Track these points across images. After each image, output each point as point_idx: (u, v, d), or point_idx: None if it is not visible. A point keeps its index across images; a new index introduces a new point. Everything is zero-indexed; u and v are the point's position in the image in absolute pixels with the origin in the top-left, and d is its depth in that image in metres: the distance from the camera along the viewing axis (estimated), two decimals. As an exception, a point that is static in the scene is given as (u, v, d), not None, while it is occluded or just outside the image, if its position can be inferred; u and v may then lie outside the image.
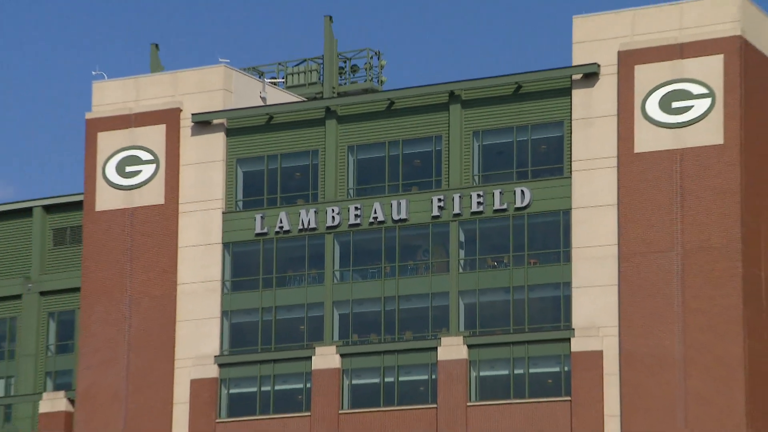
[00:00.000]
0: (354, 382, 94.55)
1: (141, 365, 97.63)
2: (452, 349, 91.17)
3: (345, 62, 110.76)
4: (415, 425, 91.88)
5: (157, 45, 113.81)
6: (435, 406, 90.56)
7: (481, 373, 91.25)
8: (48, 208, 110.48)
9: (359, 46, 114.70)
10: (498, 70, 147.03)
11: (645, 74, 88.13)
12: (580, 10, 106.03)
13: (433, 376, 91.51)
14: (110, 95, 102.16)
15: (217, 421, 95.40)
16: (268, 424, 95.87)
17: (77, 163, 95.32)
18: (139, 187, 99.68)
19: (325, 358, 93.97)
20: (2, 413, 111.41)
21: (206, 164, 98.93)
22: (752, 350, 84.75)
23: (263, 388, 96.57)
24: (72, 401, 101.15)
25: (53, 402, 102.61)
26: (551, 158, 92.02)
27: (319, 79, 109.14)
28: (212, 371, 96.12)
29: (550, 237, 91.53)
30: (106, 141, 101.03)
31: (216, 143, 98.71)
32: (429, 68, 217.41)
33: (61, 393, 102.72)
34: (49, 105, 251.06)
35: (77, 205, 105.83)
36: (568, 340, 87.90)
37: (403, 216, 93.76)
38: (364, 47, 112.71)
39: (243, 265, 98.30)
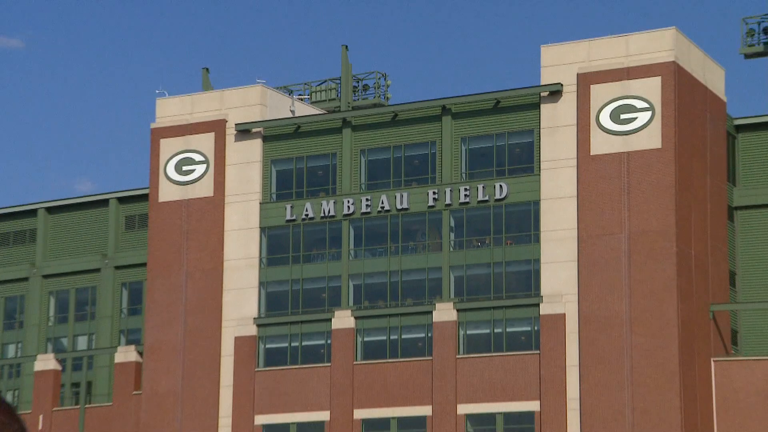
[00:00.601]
0: (365, 339, 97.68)
1: (195, 325, 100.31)
2: (444, 312, 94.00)
3: (358, 82, 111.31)
4: (415, 373, 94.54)
5: (207, 69, 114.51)
6: (430, 358, 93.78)
7: (468, 332, 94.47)
8: (121, 200, 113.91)
9: (369, 69, 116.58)
10: (481, 88, 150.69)
11: (599, 92, 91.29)
12: (547, 40, 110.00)
13: (429, 335, 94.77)
14: (170, 109, 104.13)
15: (256, 370, 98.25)
16: (296, 372, 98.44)
17: (144, 163, 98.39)
18: (193, 182, 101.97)
19: (342, 320, 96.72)
20: (86, 363, 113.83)
21: (246, 164, 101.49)
22: (683, 313, 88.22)
23: (293, 344, 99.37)
24: (140, 353, 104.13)
25: (126, 354, 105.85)
26: (524, 159, 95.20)
27: (337, 95, 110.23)
28: (252, 330, 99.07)
29: (523, 223, 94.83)
30: (167, 146, 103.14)
31: (254, 147, 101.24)
32: (425, 86, 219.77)
33: (132, 347, 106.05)
34: (121, 116, 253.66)
35: (144, 197, 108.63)
36: (537, 305, 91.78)
37: (404, 206, 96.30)
38: (373, 70, 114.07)
39: (276, 245, 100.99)
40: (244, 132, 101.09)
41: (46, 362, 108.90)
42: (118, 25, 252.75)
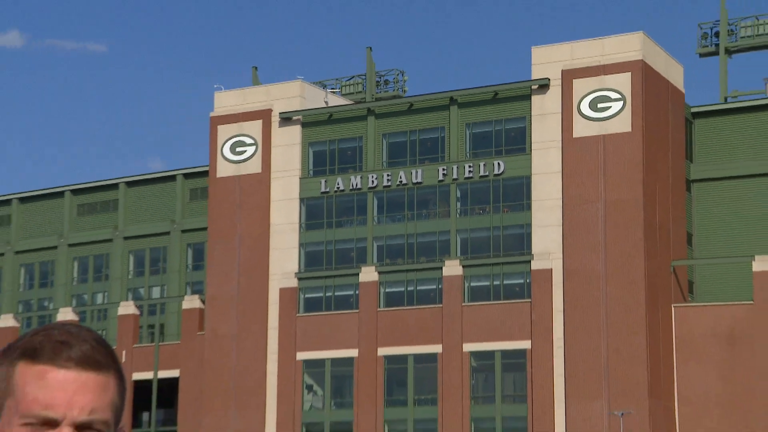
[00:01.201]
0: (387, 290, 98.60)
1: (247, 279, 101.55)
2: (452, 268, 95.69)
3: (380, 78, 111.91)
4: (428, 318, 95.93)
5: (256, 67, 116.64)
6: (441, 305, 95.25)
7: (471, 284, 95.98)
8: (186, 175, 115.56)
9: (389, 67, 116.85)
10: (481, 82, 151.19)
11: (579, 85, 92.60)
12: (536, 42, 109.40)
13: (439, 286, 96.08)
14: (226, 101, 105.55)
15: (297, 315, 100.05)
16: (330, 317, 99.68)
17: (204, 145, 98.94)
18: (245, 161, 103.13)
19: (368, 274, 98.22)
20: (159, 309, 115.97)
21: (288, 146, 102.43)
22: (649, 268, 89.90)
23: (327, 294, 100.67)
24: (203, 301, 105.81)
25: (191, 302, 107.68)
26: (517, 141, 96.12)
27: (363, 89, 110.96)
28: (293, 283, 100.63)
29: (517, 193, 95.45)
30: (223, 131, 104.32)
31: (295, 132, 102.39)
32: (436, 81, 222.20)
33: (196, 296, 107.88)
34: (186, 106, 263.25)
35: (204, 173, 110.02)
36: (529, 262, 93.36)
37: (419, 180, 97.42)
38: (393, 68, 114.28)
39: (313, 213, 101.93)
40: (286, 119, 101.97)
41: (127, 308, 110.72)
42: (184, 32, 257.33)
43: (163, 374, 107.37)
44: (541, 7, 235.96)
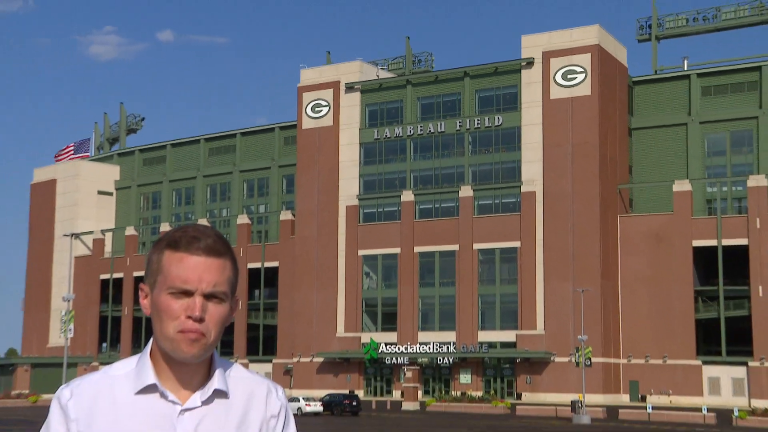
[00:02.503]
0: (420, 207, 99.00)
1: (323, 199, 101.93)
2: (466, 191, 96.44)
3: (415, 58, 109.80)
4: (449, 226, 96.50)
5: (329, 51, 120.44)
6: (458, 217, 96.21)
7: (479, 202, 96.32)
8: (282, 128, 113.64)
9: (422, 50, 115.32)
10: (486, 60, 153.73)
11: (555, 62, 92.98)
12: (525, 31, 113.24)
13: (457, 204, 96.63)
14: (308, 75, 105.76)
15: (358, 224, 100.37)
16: (381, 225, 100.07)
17: (293, 106, 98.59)
18: (321, 118, 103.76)
19: (407, 196, 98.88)
20: (264, 220, 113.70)
21: (351, 107, 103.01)
22: (602, 189, 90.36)
23: (378, 210, 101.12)
24: (293, 215, 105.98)
25: (286, 215, 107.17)
26: (511, 102, 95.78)
27: (403, 66, 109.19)
28: (355, 202, 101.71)
29: (511, 139, 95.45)
30: (307, 97, 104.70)
31: (355, 97, 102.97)
32: (454, 59, 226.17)
33: (289, 211, 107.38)
34: (281, 80, 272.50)
35: (294, 126, 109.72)
36: (519, 186, 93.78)
37: (442, 130, 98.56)
38: (424, 50, 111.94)
39: (368, 153, 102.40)
40: (350, 88, 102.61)
41: (243, 219, 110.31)
42: (281, 27, 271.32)
43: (269, 264, 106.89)
44: (528, 6, 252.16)
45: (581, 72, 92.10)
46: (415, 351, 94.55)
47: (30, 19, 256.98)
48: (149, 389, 2.40)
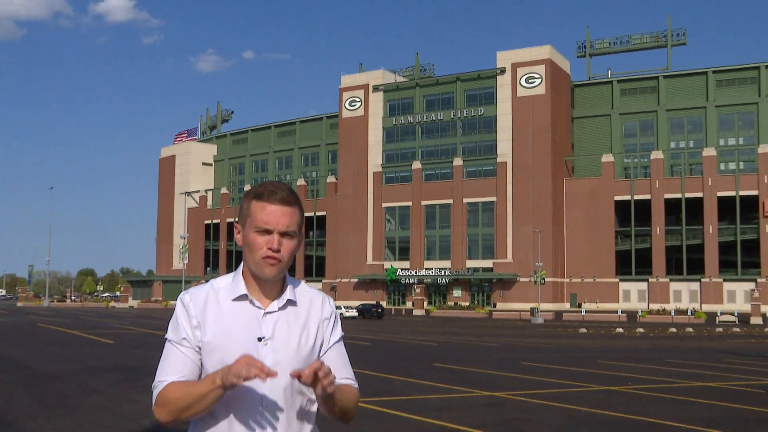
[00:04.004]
0: (425, 173, 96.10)
1: (357, 167, 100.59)
2: (457, 161, 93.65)
3: (422, 68, 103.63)
4: (445, 188, 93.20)
5: (361, 63, 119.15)
6: (452, 180, 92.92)
7: (467, 169, 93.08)
8: (328, 116, 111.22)
9: (427, 62, 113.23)
10: (472, 68, 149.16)
11: (520, 71, 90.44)
12: (500, 48, 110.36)
13: (451, 170, 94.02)
14: (347, 80, 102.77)
15: (382, 185, 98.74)
16: (398, 186, 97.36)
17: (335, 101, 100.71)
18: (356, 110, 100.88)
19: (416, 165, 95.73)
20: (317, 182, 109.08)
21: (376, 102, 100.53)
22: (553, 160, 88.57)
23: (396, 174, 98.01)
24: (336, 178, 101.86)
25: (331, 179, 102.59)
26: (489, 98, 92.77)
27: (413, 73, 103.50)
28: (380, 169, 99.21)
29: (490, 125, 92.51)
30: (346, 95, 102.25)
31: (380, 96, 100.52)
32: (449, 68, 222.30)
33: (333, 176, 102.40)
34: (328, 83, 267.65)
35: (336, 116, 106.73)
36: (495, 158, 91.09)
37: (441, 118, 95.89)
38: (429, 62, 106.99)
39: (389, 135, 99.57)
40: (375, 89, 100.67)
41: (301, 182, 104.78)
42: (326, 45, 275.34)
43: (320, 214, 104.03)
44: (503, 30, 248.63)
45: (538, 78, 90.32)
46: (422, 274, 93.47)
47: (160, 47, 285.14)
48: (242, 298, 2.32)
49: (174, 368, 2.29)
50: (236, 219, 2.36)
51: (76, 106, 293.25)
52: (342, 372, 2.41)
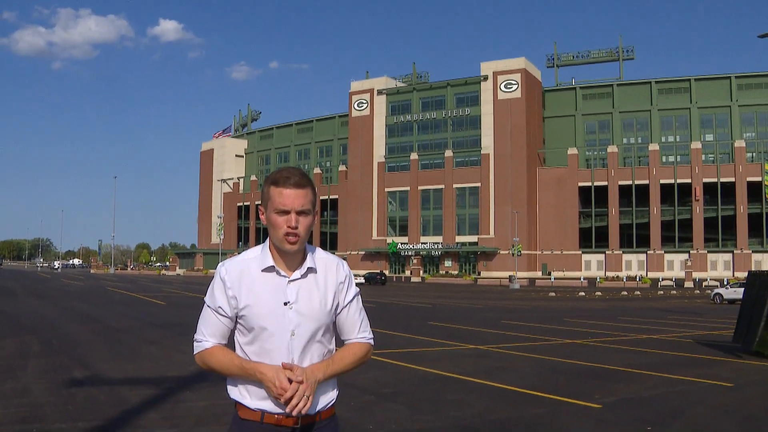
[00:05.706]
0: (422, 162, 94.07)
1: (364, 158, 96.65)
2: (449, 153, 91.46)
3: (419, 75, 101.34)
4: (439, 174, 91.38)
5: (367, 71, 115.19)
6: (443, 169, 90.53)
7: (456, 160, 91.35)
8: (340, 116, 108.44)
9: (423, 70, 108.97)
10: (460, 75, 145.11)
11: (500, 78, 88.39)
12: (484, 59, 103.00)
13: (443, 161, 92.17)
14: (356, 85, 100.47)
15: (385, 173, 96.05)
16: (398, 173, 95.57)
17: (345, 103, 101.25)
18: (363, 110, 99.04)
19: (413, 156, 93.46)
20: (330, 170, 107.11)
21: (380, 104, 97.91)
22: (528, 152, 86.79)
23: (397, 164, 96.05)
24: (347, 167, 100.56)
25: (342, 167, 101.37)
26: (475, 101, 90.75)
27: (411, 79, 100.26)
28: (383, 159, 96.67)
29: (475, 123, 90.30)
30: (354, 98, 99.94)
31: (383, 98, 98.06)
32: (441, 75, 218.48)
33: (344, 165, 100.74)
34: (339, 88, 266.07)
35: (346, 115, 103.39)
36: (480, 150, 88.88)
37: (434, 117, 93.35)
38: (424, 70, 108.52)
39: (391, 131, 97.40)
40: (380, 92, 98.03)
41: (317, 170, 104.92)
42: (338, 57, 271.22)
43: (333, 197, 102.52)
44: (486, 43, 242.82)
45: (515, 84, 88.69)
46: (418, 248, 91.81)
47: (202, 60, 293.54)
48: (269, 269, 2.28)
49: (211, 330, 2.34)
50: (260, 202, 2.37)
51: (135, 110, 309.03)
52: (355, 329, 2.41)
